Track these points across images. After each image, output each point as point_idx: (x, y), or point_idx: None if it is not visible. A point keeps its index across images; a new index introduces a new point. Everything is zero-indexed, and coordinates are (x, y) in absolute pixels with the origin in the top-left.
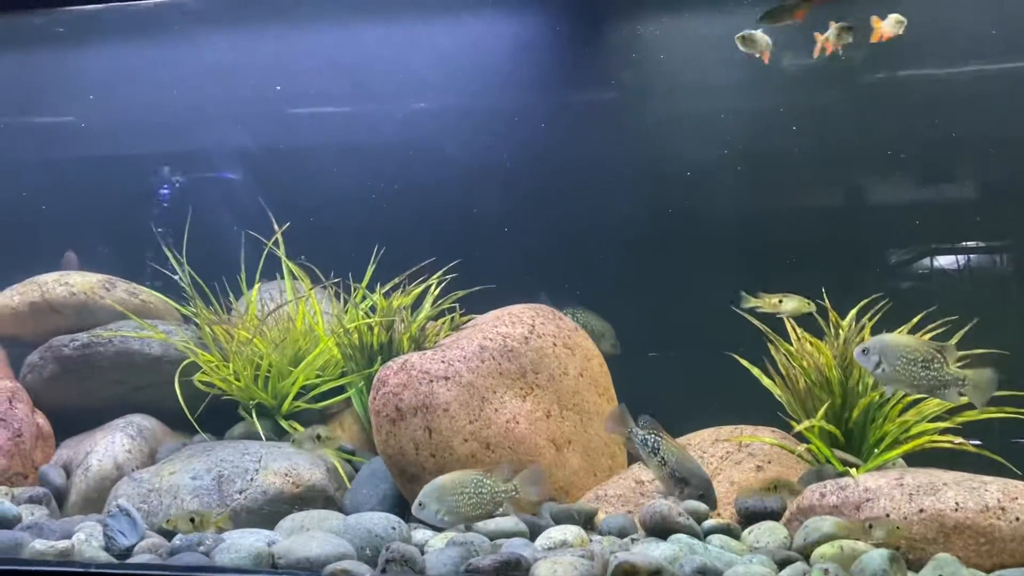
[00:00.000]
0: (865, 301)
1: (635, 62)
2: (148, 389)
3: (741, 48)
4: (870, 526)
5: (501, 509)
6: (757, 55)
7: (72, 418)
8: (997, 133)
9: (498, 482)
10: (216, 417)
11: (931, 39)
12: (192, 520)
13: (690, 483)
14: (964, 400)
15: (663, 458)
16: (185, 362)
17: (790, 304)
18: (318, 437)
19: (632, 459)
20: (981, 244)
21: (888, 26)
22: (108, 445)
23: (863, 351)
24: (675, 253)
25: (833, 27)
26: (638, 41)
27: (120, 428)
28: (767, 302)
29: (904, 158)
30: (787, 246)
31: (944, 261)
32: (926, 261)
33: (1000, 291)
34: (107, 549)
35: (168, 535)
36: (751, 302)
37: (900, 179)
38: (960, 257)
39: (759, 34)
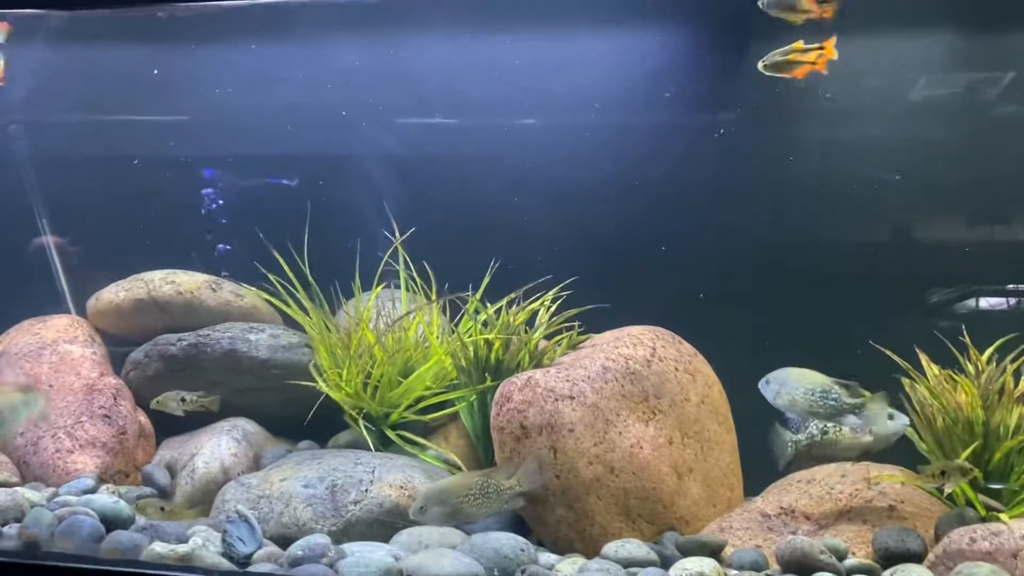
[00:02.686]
0: (1004, 339)
1: (777, 85)
2: (251, 393)
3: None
4: None
5: (508, 504)
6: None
7: (172, 418)
8: None
9: (501, 480)
10: (316, 425)
11: None
12: (162, 508)
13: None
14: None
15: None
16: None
17: None
18: (183, 399)
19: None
20: None
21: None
22: (214, 448)
23: (766, 381)
24: (806, 281)
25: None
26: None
27: (225, 431)
28: None
29: None
30: (922, 278)
31: None
32: None
33: None
34: (227, 555)
35: (283, 543)
36: None
37: None
38: None
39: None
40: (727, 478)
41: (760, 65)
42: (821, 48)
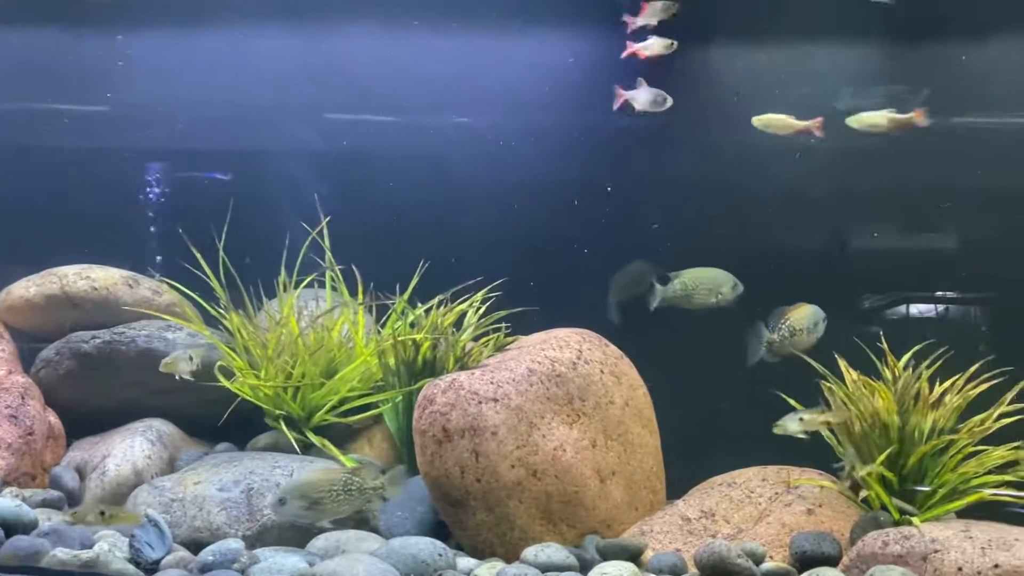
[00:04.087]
0: (919, 346)
1: (691, 88)
2: (169, 393)
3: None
4: None
5: (369, 504)
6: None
7: (85, 418)
8: None
9: (367, 479)
10: (234, 427)
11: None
12: (102, 513)
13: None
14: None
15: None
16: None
17: None
18: (190, 358)
19: (670, 495)
20: None
21: (656, 48)
22: (127, 449)
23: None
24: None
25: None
26: (702, 68)
27: (139, 432)
28: None
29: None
30: (845, 284)
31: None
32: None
33: None
34: (134, 562)
35: (195, 548)
36: None
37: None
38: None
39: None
40: (650, 481)
41: None
42: None
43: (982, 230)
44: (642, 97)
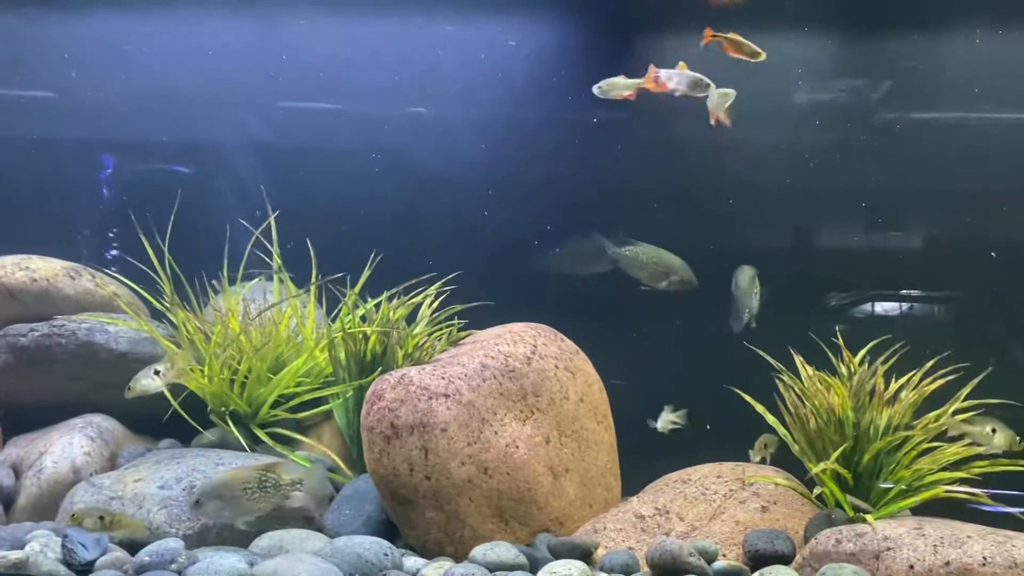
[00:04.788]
0: (875, 342)
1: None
2: (110, 388)
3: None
4: None
5: (288, 501)
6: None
7: (23, 414)
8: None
9: (283, 475)
10: (181, 422)
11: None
12: (101, 519)
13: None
14: None
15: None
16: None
17: (1002, 438)
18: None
19: (626, 492)
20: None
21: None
22: (65, 446)
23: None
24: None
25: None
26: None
27: (79, 428)
28: (978, 431)
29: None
30: (805, 279)
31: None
32: (942, 305)
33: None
34: (66, 563)
35: (133, 548)
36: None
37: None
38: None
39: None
40: (604, 478)
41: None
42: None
43: (945, 229)
44: (680, 79)
